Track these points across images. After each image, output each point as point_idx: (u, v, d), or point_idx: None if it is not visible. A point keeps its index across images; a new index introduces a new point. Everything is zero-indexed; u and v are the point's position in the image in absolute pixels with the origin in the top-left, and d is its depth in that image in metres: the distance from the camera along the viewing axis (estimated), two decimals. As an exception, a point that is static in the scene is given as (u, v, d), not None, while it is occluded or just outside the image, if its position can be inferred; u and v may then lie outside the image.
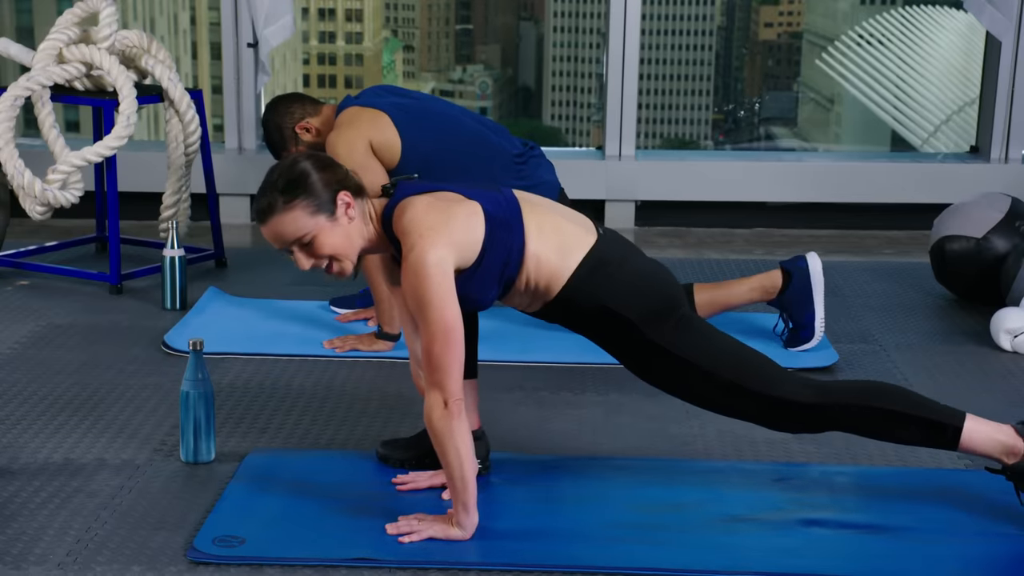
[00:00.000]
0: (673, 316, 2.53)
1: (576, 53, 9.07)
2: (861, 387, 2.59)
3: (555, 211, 2.59)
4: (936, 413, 2.53)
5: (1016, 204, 4.15)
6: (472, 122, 3.75)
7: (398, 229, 2.46)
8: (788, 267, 3.63)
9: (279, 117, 3.76)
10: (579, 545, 2.48)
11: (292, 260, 2.54)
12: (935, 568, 2.42)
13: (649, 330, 2.51)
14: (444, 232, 2.41)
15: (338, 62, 10.08)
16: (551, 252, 2.51)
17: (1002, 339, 3.76)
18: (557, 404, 3.27)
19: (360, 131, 3.57)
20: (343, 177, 2.51)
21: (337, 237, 2.49)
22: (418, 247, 2.39)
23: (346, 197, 2.48)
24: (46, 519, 2.58)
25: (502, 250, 2.47)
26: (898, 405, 2.53)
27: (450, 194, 2.51)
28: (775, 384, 2.53)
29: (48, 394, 3.30)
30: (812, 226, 5.42)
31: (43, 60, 4.20)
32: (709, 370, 2.52)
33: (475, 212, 2.47)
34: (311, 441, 3.02)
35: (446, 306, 2.38)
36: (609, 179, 5.34)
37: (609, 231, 2.62)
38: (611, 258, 2.53)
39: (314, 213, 2.47)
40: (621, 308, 2.51)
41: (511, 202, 2.53)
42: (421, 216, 2.43)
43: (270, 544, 2.45)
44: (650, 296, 2.53)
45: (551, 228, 2.53)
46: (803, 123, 8.81)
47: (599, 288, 2.51)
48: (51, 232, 4.98)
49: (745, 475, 2.83)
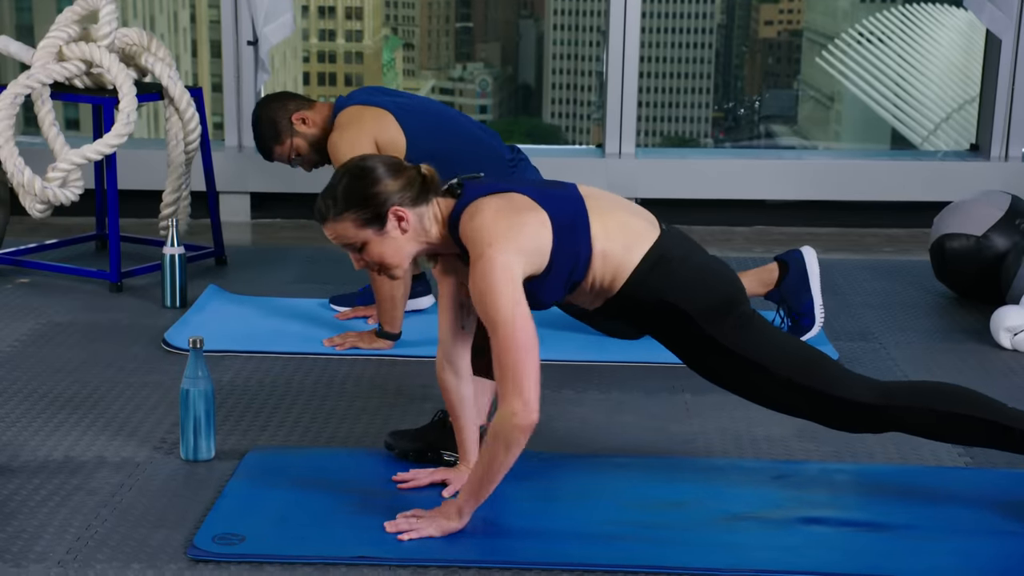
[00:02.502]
0: (733, 313, 2.52)
1: (576, 51, 9.07)
2: (926, 389, 2.56)
3: (619, 207, 2.58)
4: (1002, 416, 2.50)
5: (1016, 202, 4.15)
6: (469, 124, 3.75)
7: (465, 234, 2.44)
8: (783, 258, 3.64)
9: (272, 111, 3.72)
10: (580, 543, 2.48)
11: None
12: (935, 566, 2.42)
13: (708, 325, 2.51)
14: (513, 240, 2.39)
15: (338, 60, 10.08)
16: (617, 247, 2.50)
17: (1002, 337, 3.76)
18: (559, 402, 3.27)
19: (364, 130, 3.56)
20: (403, 187, 2.47)
21: (387, 248, 2.50)
22: (487, 254, 2.37)
23: (399, 212, 2.47)
24: (46, 517, 2.58)
25: (570, 255, 2.47)
26: (964, 408, 2.51)
27: (518, 197, 2.47)
28: (837, 384, 2.51)
29: (48, 392, 3.30)
30: (812, 224, 5.42)
31: (43, 58, 4.20)
32: (769, 368, 2.51)
33: (543, 222, 2.44)
34: (311, 439, 3.02)
35: (516, 315, 2.35)
36: (609, 177, 5.34)
37: (673, 227, 2.61)
38: (673, 254, 2.52)
39: (363, 226, 2.48)
40: (680, 302, 2.50)
41: (577, 202, 2.51)
42: (490, 223, 2.41)
43: (270, 542, 2.45)
44: (711, 291, 2.52)
45: (616, 226, 2.51)
46: (803, 121, 8.81)
47: (660, 282, 2.50)
48: (51, 230, 4.98)
49: (745, 473, 2.83)
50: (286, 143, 3.73)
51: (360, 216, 2.47)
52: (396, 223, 2.48)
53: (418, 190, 2.49)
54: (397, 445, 2.87)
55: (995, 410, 2.51)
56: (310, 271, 4.54)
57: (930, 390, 2.56)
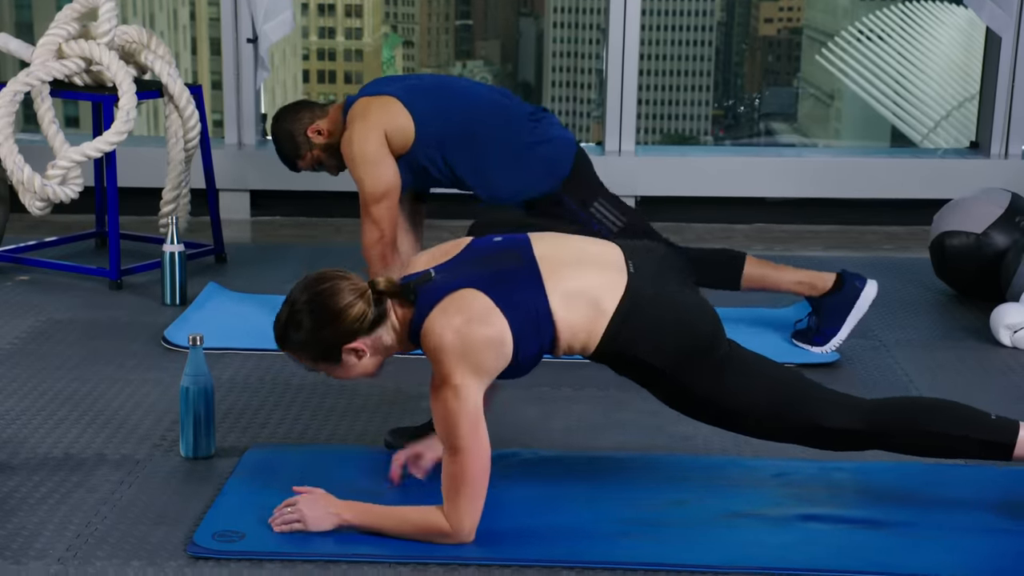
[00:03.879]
0: (712, 356, 2.50)
1: (576, 49, 9.07)
2: (910, 408, 2.56)
3: (577, 262, 2.51)
4: (987, 430, 2.49)
5: (1016, 199, 4.15)
6: (483, 89, 3.73)
7: (426, 351, 2.43)
8: (845, 277, 3.60)
9: (288, 125, 3.76)
10: (579, 541, 2.48)
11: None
12: (933, 563, 2.42)
13: (683, 376, 2.50)
14: (473, 366, 2.38)
15: (338, 58, 10.08)
16: (583, 315, 2.47)
17: (1002, 335, 3.76)
18: (558, 400, 3.27)
19: (371, 122, 3.56)
20: (356, 319, 2.43)
21: (347, 372, 2.51)
22: (448, 383, 2.38)
23: (352, 347, 2.45)
24: (46, 514, 2.58)
25: (535, 341, 2.46)
26: (948, 426, 2.50)
27: (474, 302, 2.41)
28: (823, 416, 2.51)
29: (48, 389, 3.30)
30: (812, 222, 5.42)
31: (42, 55, 4.19)
32: (746, 411, 2.52)
33: (504, 332, 2.41)
34: (311, 436, 3.02)
35: (473, 445, 2.37)
36: (609, 174, 5.31)
37: (640, 262, 2.54)
38: (643, 303, 2.47)
39: (314, 362, 2.50)
40: (652, 357, 2.48)
41: (534, 279, 2.46)
42: (449, 347, 2.38)
43: (270, 539, 2.45)
44: (683, 340, 2.49)
45: (577, 292, 2.47)
46: (803, 119, 8.81)
47: (630, 340, 2.47)
48: (51, 227, 4.98)
49: (744, 471, 2.83)
50: (306, 156, 3.77)
51: (313, 354, 2.48)
52: (351, 356, 2.48)
53: (373, 316, 2.45)
54: (397, 443, 2.87)
55: (980, 424, 2.50)
56: (310, 268, 4.53)
57: (914, 409, 2.56)
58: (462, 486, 2.38)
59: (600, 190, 3.70)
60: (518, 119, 3.66)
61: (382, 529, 2.46)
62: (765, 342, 3.69)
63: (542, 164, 3.62)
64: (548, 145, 3.65)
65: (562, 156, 3.65)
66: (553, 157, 3.64)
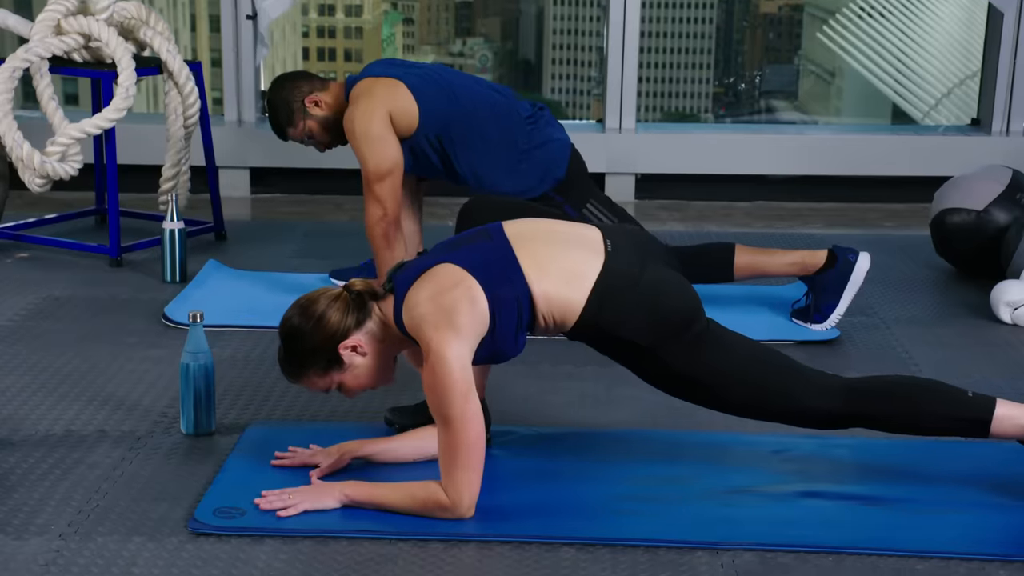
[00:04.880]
0: (689, 332, 2.51)
1: (576, 26, 9.04)
2: (887, 387, 2.56)
3: (551, 240, 2.54)
4: (964, 408, 2.50)
5: (1017, 176, 4.14)
6: (482, 87, 3.73)
7: (410, 330, 2.46)
8: (838, 253, 3.59)
9: (286, 92, 3.73)
10: (579, 517, 2.49)
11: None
12: (934, 538, 2.42)
13: (664, 352, 2.50)
14: (450, 327, 2.39)
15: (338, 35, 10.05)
16: (559, 286, 2.48)
17: (1002, 311, 3.76)
18: (558, 377, 3.27)
19: (376, 102, 3.55)
20: (340, 319, 2.48)
21: (359, 377, 2.54)
22: (431, 351, 2.39)
23: (349, 344, 2.49)
24: (47, 490, 2.59)
25: (511, 306, 2.46)
26: (925, 404, 2.51)
27: (444, 271, 2.46)
28: (801, 396, 2.52)
29: (48, 366, 3.30)
30: (812, 199, 5.41)
31: (41, 32, 4.18)
32: (729, 387, 2.52)
33: (472, 290, 2.43)
34: (311, 413, 3.03)
35: (466, 411, 2.37)
36: (609, 152, 5.33)
37: (618, 241, 2.56)
38: (621, 282, 2.49)
39: (325, 374, 2.52)
40: (634, 335, 2.49)
41: (504, 249, 2.49)
42: (426, 314, 2.41)
43: (270, 515, 2.46)
44: (663, 314, 2.49)
45: (551, 263, 2.49)
46: (804, 96, 8.79)
47: (610, 319, 2.48)
48: (50, 204, 4.97)
49: (745, 447, 2.84)
50: (299, 125, 3.74)
51: (317, 369, 2.51)
52: (352, 354, 2.50)
53: (356, 312, 2.50)
54: (397, 420, 2.88)
55: (957, 402, 2.51)
56: (310, 245, 4.54)
57: (891, 388, 2.56)
58: (457, 456, 2.39)
59: (592, 191, 3.72)
60: (517, 122, 3.67)
61: (383, 504, 2.46)
62: (765, 320, 3.69)
63: (538, 167, 3.64)
64: (544, 149, 3.66)
65: (557, 159, 3.66)
66: (549, 160, 3.65)
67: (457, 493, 2.40)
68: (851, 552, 2.38)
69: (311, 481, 2.58)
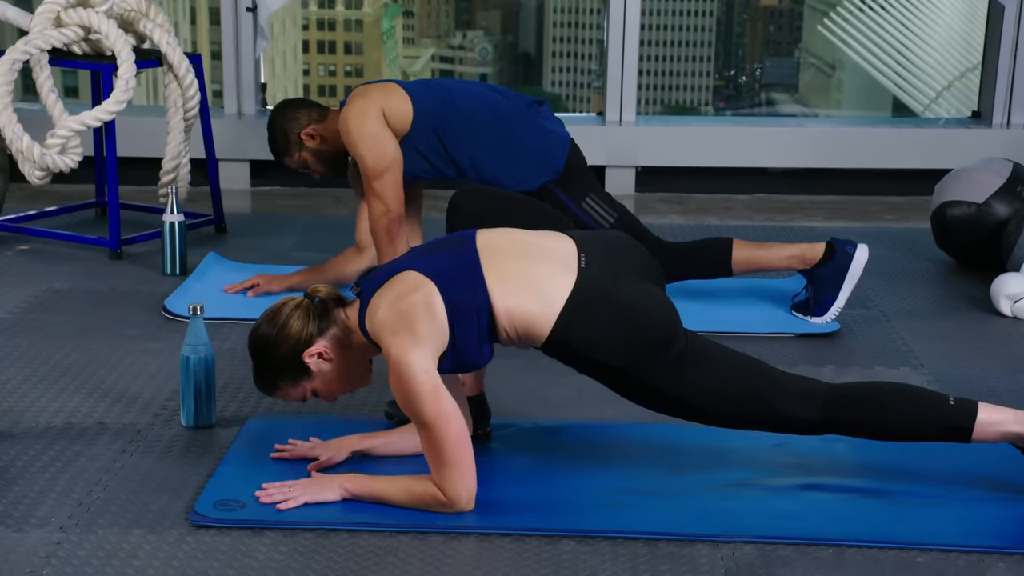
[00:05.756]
0: (668, 351, 2.46)
1: (577, 19, 9.03)
2: (868, 394, 2.54)
3: (523, 254, 2.50)
4: (946, 415, 2.47)
5: (1017, 169, 4.14)
6: (481, 88, 3.74)
7: (372, 336, 2.46)
8: (836, 245, 3.59)
9: (285, 122, 3.76)
10: (579, 510, 2.49)
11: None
12: (934, 531, 2.43)
13: (642, 372, 2.47)
14: (408, 333, 2.39)
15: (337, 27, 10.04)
16: (524, 302, 2.44)
17: (1002, 304, 3.76)
18: (557, 371, 3.26)
19: (370, 101, 3.58)
20: (300, 329, 2.48)
21: (331, 383, 2.54)
22: (393, 359, 2.39)
23: (313, 352, 2.49)
24: (48, 482, 2.59)
25: (470, 315, 2.43)
26: (907, 411, 2.49)
27: (405, 278, 2.45)
28: (778, 407, 2.49)
29: (48, 359, 3.30)
30: (813, 192, 5.41)
31: (41, 24, 4.18)
32: (712, 403, 2.50)
33: (430, 295, 2.42)
34: (311, 407, 3.02)
35: (440, 413, 2.37)
36: (609, 145, 5.33)
37: (593, 254, 2.51)
38: (594, 298, 2.44)
39: (296, 383, 2.53)
40: (609, 357, 2.46)
41: (470, 258, 2.47)
42: (385, 322, 2.42)
43: (271, 508, 2.46)
44: (638, 338, 2.45)
45: (517, 276, 2.46)
46: (804, 89, 8.79)
47: (582, 339, 2.44)
48: (51, 197, 4.97)
49: (744, 441, 2.83)
50: (295, 156, 3.78)
51: (288, 380, 2.52)
52: (318, 361, 2.50)
53: (318, 319, 2.50)
54: (396, 414, 2.88)
55: (938, 408, 2.48)
56: (309, 238, 4.54)
57: (872, 395, 2.53)
58: (443, 455, 2.39)
59: (592, 185, 3.72)
60: (515, 113, 3.67)
61: (383, 499, 2.46)
62: (765, 313, 3.69)
63: (536, 158, 3.64)
64: (543, 140, 3.66)
65: (556, 151, 3.66)
66: (547, 154, 3.65)
67: (453, 490, 2.40)
68: (851, 545, 2.38)
69: (310, 474, 2.58)
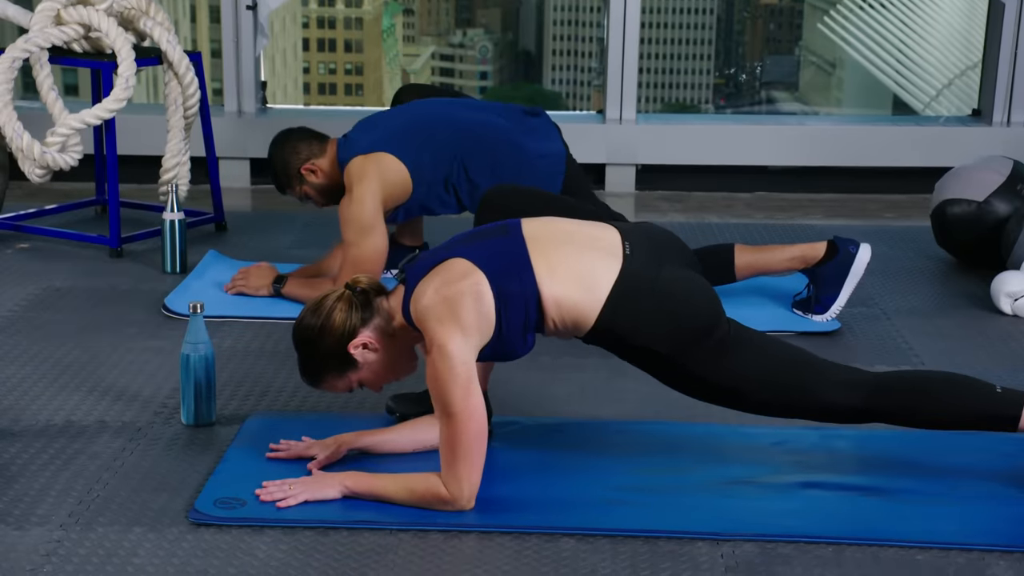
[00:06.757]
0: (711, 338, 2.48)
1: (577, 17, 9.03)
2: (914, 383, 2.54)
3: (569, 241, 2.51)
4: (994, 403, 2.47)
5: (1018, 167, 4.14)
6: (467, 114, 3.71)
7: (417, 323, 2.46)
8: (838, 244, 3.59)
9: (285, 156, 3.76)
10: (579, 508, 2.49)
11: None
12: (934, 529, 2.43)
13: (685, 359, 2.49)
14: (454, 322, 2.39)
15: (338, 26, 10.04)
16: (571, 291, 2.46)
17: (1003, 302, 3.76)
18: (559, 368, 3.27)
19: (368, 185, 3.57)
20: (344, 320, 2.48)
21: (377, 372, 2.54)
22: (436, 345, 2.39)
23: (358, 343, 2.49)
24: (48, 481, 2.59)
25: (518, 304, 2.44)
26: (954, 400, 2.49)
27: (454, 265, 2.45)
28: (826, 393, 2.50)
29: (48, 357, 3.30)
30: (813, 190, 5.41)
31: (41, 22, 4.18)
32: (754, 390, 2.51)
33: (479, 285, 2.42)
34: (311, 404, 3.03)
35: (468, 406, 2.37)
36: (610, 143, 5.33)
37: (636, 243, 2.52)
38: (639, 286, 2.46)
39: (342, 375, 2.53)
40: (653, 343, 2.47)
41: (518, 247, 2.48)
42: (431, 308, 2.41)
43: (271, 506, 2.46)
44: (681, 325, 2.47)
45: (565, 267, 2.47)
46: (804, 87, 8.79)
47: (626, 325, 2.46)
48: (50, 195, 4.97)
49: (744, 439, 2.84)
50: (296, 190, 3.79)
51: (334, 372, 2.52)
52: (364, 352, 2.50)
53: (361, 310, 2.50)
54: (398, 409, 2.88)
55: (985, 397, 2.48)
56: (310, 236, 4.54)
57: (917, 384, 2.53)
58: (458, 449, 2.39)
59: (591, 198, 3.72)
60: (505, 143, 3.65)
61: (383, 497, 2.47)
62: (768, 312, 3.69)
63: (534, 183, 3.62)
64: (536, 165, 3.65)
65: (554, 172, 3.67)
66: (543, 174, 3.65)
67: (458, 487, 2.40)
68: (851, 543, 2.38)
69: (310, 472, 2.58)
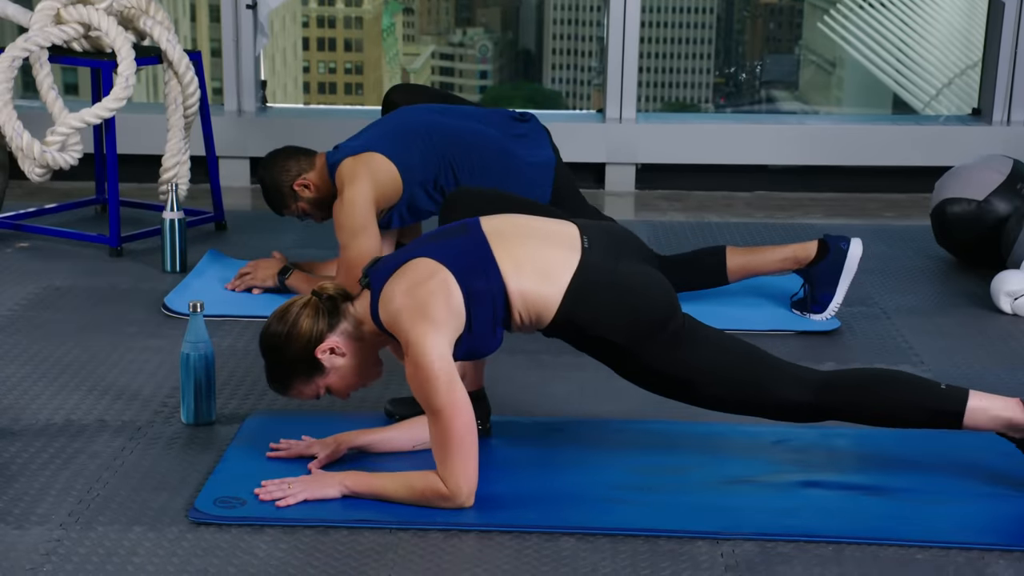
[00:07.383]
0: (665, 331, 2.51)
1: (577, 16, 9.03)
2: (860, 379, 2.58)
3: (529, 235, 2.55)
4: (937, 399, 2.51)
5: (1017, 166, 4.14)
6: (454, 122, 3.70)
7: (387, 326, 2.46)
8: (829, 242, 3.60)
9: (276, 175, 3.74)
10: (579, 507, 2.49)
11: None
12: (934, 528, 2.43)
13: (641, 350, 2.51)
14: (426, 319, 2.40)
15: (337, 25, 10.04)
16: (535, 284, 2.48)
17: (1002, 301, 3.76)
18: (558, 367, 3.27)
19: (359, 186, 3.56)
20: (311, 326, 2.49)
21: (345, 377, 2.54)
22: (411, 343, 2.40)
23: (325, 347, 2.49)
24: (48, 480, 2.59)
25: (486, 300, 2.46)
26: (898, 397, 2.52)
27: (419, 265, 2.47)
28: (774, 390, 2.53)
29: (48, 356, 3.30)
30: (813, 189, 5.41)
31: (41, 21, 4.18)
32: (705, 383, 2.53)
33: (447, 282, 2.44)
34: (311, 404, 3.02)
35: (452, 401, 2.38)
36: (609, 142, 5.33)
37: (594, 237, 2.56)
38: (597, 280, 2.49)
39: (309, 380, 2.53)
40: (612, 334, 2.50)
41: (480, 244, 2.50)
42: (402, 308, 2.42)
43: (271, 505, 2.46)
44: (638, 317, 2.50)
45: (527, 259, 2.49)
46: (804, 86, 8.79)
47: (585, 316, 2.49)
48: (50, 194, 4.97)
49: (744, 437, 2.84)
50: (292, 207, 3.78)
51: (301, 377, 2.52)
52: (331, 356, 2.51)
53: (327, 316, 2.50)
54: (397, 411, 2.88)
55: (930, 393, 2.52)
56: (309, 236, 4.54)
57: (864, 380, 2.57)
58: (449, 445, 2.39)
59: (583, 208, 3.73)
60: (495, 151, 3.65)
61: (383, 495, 2.47)
62: (767, 312, 3.69)
63: (521, 190, 3.62)
64: (525, 173, 3.65)
65: (543, 182, 3.67)
66: (532, 182, 3.65)
67: (455, 482, 2.41)
68: (851, 542, 2.38)
69: (310, 471, 2.59)
